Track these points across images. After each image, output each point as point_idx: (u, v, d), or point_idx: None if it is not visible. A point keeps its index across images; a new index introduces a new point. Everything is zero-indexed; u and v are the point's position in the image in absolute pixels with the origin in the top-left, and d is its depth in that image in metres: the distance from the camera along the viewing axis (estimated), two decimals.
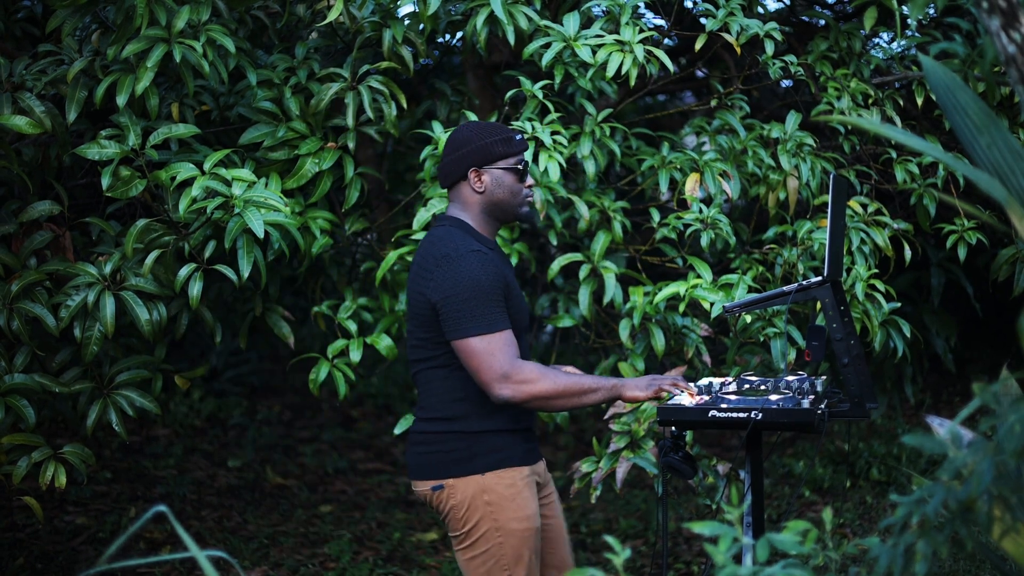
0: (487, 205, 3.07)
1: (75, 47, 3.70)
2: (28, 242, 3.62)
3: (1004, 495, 2.00)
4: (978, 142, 2.33)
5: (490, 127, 3.10)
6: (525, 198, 3.10)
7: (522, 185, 3.09)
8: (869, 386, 3.07)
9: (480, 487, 2.99)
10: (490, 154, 3.05)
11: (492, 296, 2.93)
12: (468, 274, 2.92)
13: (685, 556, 4.82)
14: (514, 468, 3.02)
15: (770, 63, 4.12)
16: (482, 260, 2.95)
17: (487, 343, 2.91)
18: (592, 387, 2.94)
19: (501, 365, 2.90)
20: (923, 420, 6.00)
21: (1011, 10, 2.22)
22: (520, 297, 3.09)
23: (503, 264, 3.06)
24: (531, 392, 2.90)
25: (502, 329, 2.93)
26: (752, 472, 3.13)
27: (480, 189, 3.05)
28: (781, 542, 1.94)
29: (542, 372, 2.91)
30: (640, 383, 2.97)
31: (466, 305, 2.91)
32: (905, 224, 4.35)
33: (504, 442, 3.02)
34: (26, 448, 3.54)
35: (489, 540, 2.99)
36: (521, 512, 3.01)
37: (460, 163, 3.05)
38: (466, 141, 3.06)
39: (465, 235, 3.03)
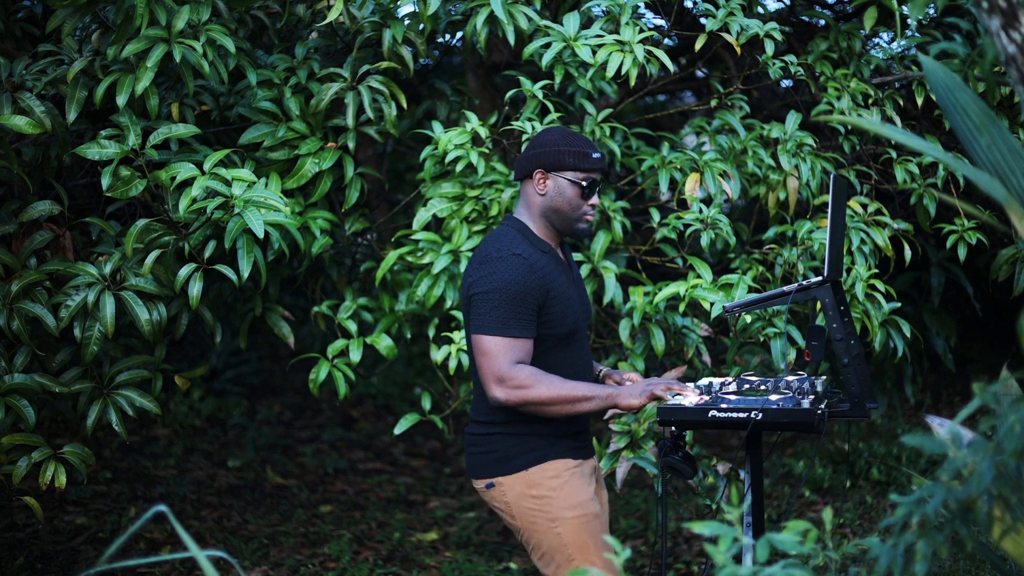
0: (546, 209, 3.10)
1: (75, 47, 3.70)
2: (28, 242, 3.62)
3: (1004, 495, 2.00)
4: (978, 142, 2.33)
5: (574, 137, 3.13)
6: (583, 215, 3.12)
7: (584, 202, 3.11)
8: (869, 386, 3.07)
9: (526, 483, 3.04)
10: (560, 161, 3.09)
11: (520, 302, 2.96)
12: (502, 276, 2.96)
13: (685, 556, 4.82)
14: (558, 460, 3.06)
15: (770, 63, 4.12)
16: (521, 265, 2.98)
17: (495, 344, 2.94)
18: (587, 396, 2.95)
19: (499, 367, 2.93)
20: (923, 420, 6.00)
21: (1011, 10, 2.22)
22: (573, 301, 3.10)
23: (556, 270, 3.08)
24: (524, 397, 2.93)
25: (516, 336, 2.95)
26: (752, 472, 3.13)
27: (542, 192, 3.09)
28: (781, 542, 1.94)
29: (537, 378, 2.93)
30: (634, 391, 2.98)
31: (491, 305, 2.95)
32: (905, 224, 4.35)
33: (545, 441, 3.06)
34: (26, 448, 3.54)
35: (548, 533, 3.03)
36: (572, 500, 3.05)
37: (532, 161, 3.10)
38: (545, 142, 3.11)
39: (517, 236, 3.07)
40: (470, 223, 4.04)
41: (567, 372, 3.07)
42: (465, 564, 4.79)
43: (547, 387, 2.93)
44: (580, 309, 3.16)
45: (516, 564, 4.84)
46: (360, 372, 4.29)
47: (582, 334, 3.17)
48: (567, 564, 3.01)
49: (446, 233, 4.04)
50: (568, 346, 3.11)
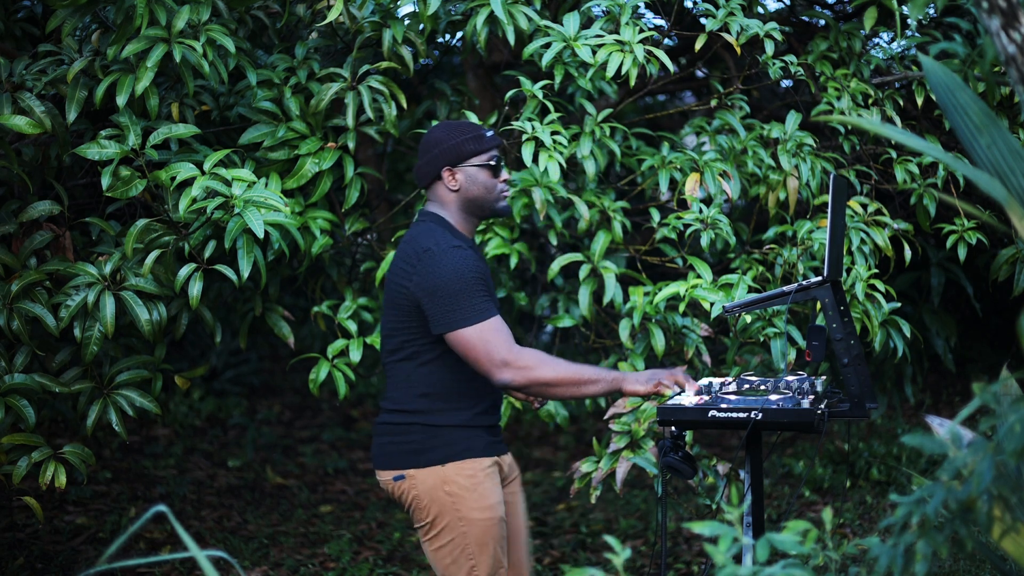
0: (463, 202, 3.12)
1: (75, 47, 3.70)
2: (28, 242, 3.62)
3: (1004, 495, 2.00)
4: (978, 142, 2.33)
5: (460, 126, 3.16)
6: (501, 193, 3.15)
7: (496, 180, 3.14)
8: (869, 386, 3.07)
9: (440, 478, 3.03)
10: (462, 152, 3.11)
11: (477, 287, 2.97)
12: (452, 267, 2.97)
13: (685, 556, 4.82)
14: (475, 459, 3.05)
15: (770, 63, 4.12)
16: (463, 255, 3.00)
17: (480, 332, 2.95)
18: (593, 378, 2.96)
19: (499, 351, 2.94)
20: (923, 420, 6.00)
21: (1011, 10, 2.22)
22: (495, 293, 3.15)
23: (480, 260, 3.11)
24: (532, 377, 2.94)
25: (492, 316, 2.97)
26: (752, 472, 3.13)
27: (455, 187, 3.11)
28: (781, 542, 1.94)
29: (542, 359, 2.96)
30: (641, 377, 3.00)
31: (454, 298, 2.95)
32: (905, 224, 4.35)
33: (465, 435, 3.06)
34: (26, 448, 3.54)
35: (453, 530, 3.02)
36: (483, 502, 3.04)
37: (434, 164, 3.11)
38: (438, 142, 3.12)
39: (445, 231, 3.08)
40: None
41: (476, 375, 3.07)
42: None
43: (554, 367, 2.95)
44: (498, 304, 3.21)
45: None
46: (360, 372, 4.29)
47: None
48: (465, 563, 3.02)
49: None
50: None
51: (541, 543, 5.18)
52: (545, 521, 5.49)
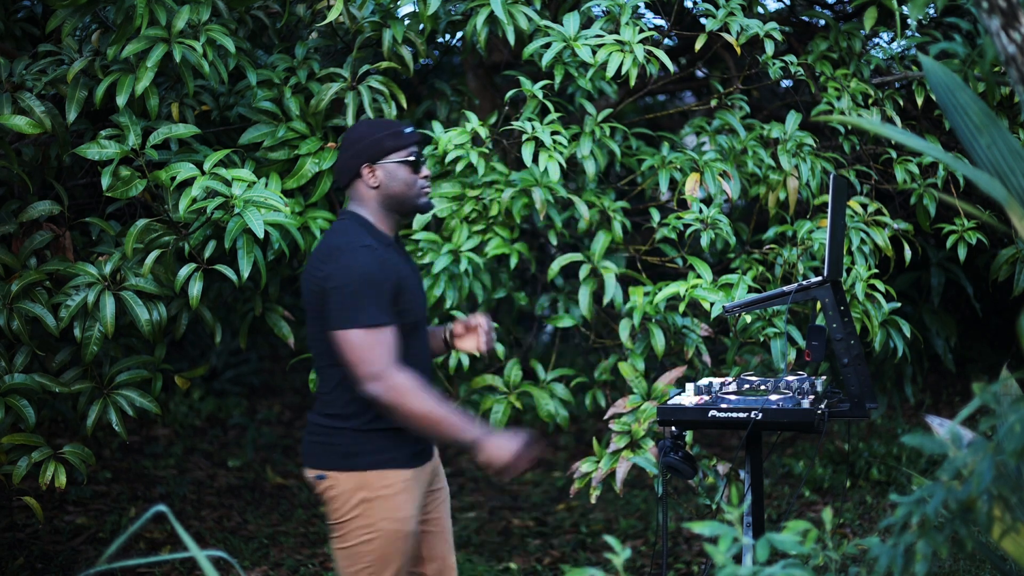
0: (384, 199, 3.07)
1: (75, 47, 3.70)
2: (28, 242, 3.62)
3: (1004, 495, 2.00)
4: (978, 142, 2.33)
5: (380, 123, 3.12)
6: (421, 189, 3.10)
7: (417, 176, 3.09)
8: (869, 386, 3.07)
9: (359, 484, 3.00)
10: (381, 149, 3.07)
11: (380, 291, 2.93)
12: (358, 266, 2.93)
13: (685, 556, 4.82)
14: (397, 470, 3.01)
15: (770, 63, 4.12)
16: (373, 255, 2.96)
17: (367, 337, 2.90)
18: (456, 429, 2.89)
19: (376, 362, 2.89)
20: (923, 420, 6.00)
21: (1011, 10, 2.22)
22: (417, 291, 3.09)
23: (400, 260, 3.06)
24: (399, 401, 2.88)
25: (385, 325, 2.92)
26: (752, 472, 3.13)
27: (374, 184, 3.06)
28: (781, 542, 1.94)
29: (416, 388, 2.89)
30: (501, 451, 2.89)
31: (353, 297, 2.91)
32: (905, 224, 4.35)
33: (390, 443, 3.02)
34: (26, 448, 3.54)
35: (359, 536, 3.00)
36: (395, 513, 3.00)
37: (353, 160, 3.07)
38: (357, 139, 3.08)
39: (360, 229, 3.03)
40: (470, 223, 4.05)
41: (413, 363, 3.03)
42: (465, 564, 4.79)
43: (422, 402, 2.89)
44: (423, 299, 3.15)
45: (516, 564, 4.84)
46: None
47: (423, 335, 3.14)
48: (364, 571, 2.99)
49: (446, 233, 4.04)
50: (413, 337, 3.07)
51: (541, 543, 5.18)
52: (545, 521, 5.50)
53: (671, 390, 3.75)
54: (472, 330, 3.23)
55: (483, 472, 6.39)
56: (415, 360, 3.05)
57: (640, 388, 3.88)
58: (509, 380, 4.10)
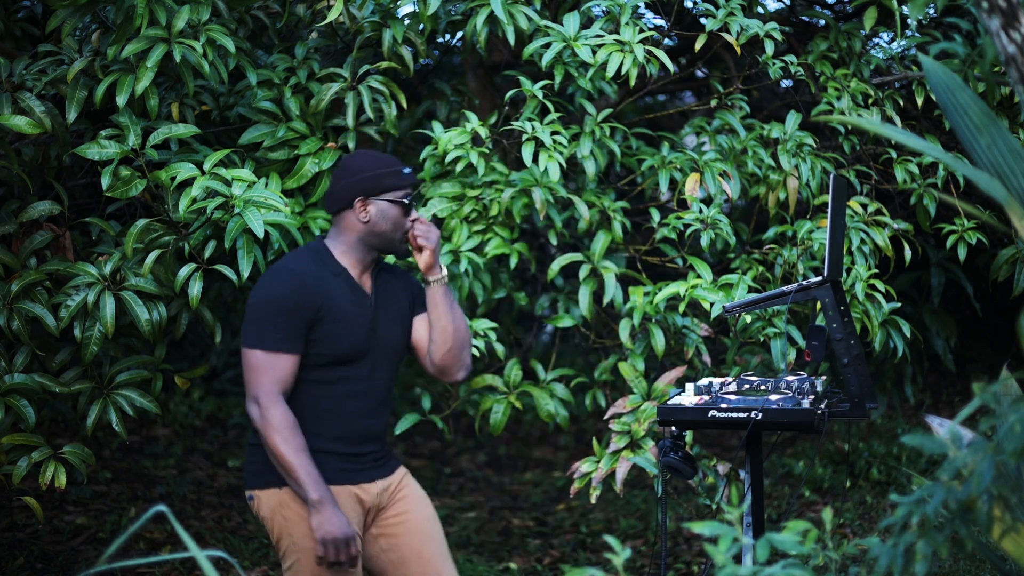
0: (367, 235, 3.05)
1: (75, 47, 3.70)
2: (28, 242, 3.62)
3: (1004, 495, 2.00)
4: (978, 142, 2.33)
5: (382, 159, 3.11)
6: (406, 233, 3.08)
7: (405, 219, 3.08)
8: (869, 386, 3.07)
9: (279, 501, 2.99)
10: (379, 185, 3.05)
11: (282, 316, 2.93)
12: (270, 289, 2.97)
13: (685, 556, 4.82)
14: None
15: (770, 63, 4.12)
16: (290, 278, 2.96)
17: (257, 360, 2.93)
18: (302, 483, 2.87)
19: (260, 387, 2.91)
20: (923, 420, 6.00)
21: (1011, 10, 2.22)
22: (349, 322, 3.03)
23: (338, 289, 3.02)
24: (264, 432, 2.90)
25: (271, 350, 2.92)
26: (752, 472, 3.13)
27: (365, 219, 3.05)
28: (781, 542, 1.95)
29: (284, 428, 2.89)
30: (329, 524, 2.88)
31: (255, 316, 2.95)
32: (905, 224, 4.35)
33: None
34: (26, 448, 3.54)
35: (290, 556, 2.99)
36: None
37: (348, 191, 3.05)
38: (359, 169, 3.06)
39: (308, 255, 3.05)
40: (470, 223, 4.05)
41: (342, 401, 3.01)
42: (465, 564, 4.79)
43: (284, 444, 2.88)
44: (366, 339, 3.06)
45: (516, 564, 4.84)
46: None
47: (369, 364, 3.09)
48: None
49: (446, 233, 4.04)
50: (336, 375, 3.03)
51: (541, 543, 5.18)
52: (545, 521, 5.50)
53: (671, 390, 3.75)
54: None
55: (482, 473, 6.39)
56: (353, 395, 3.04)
57: (640, 388, 3.89)
58: (509, 380, 4.10)
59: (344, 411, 3.03)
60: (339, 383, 3.03)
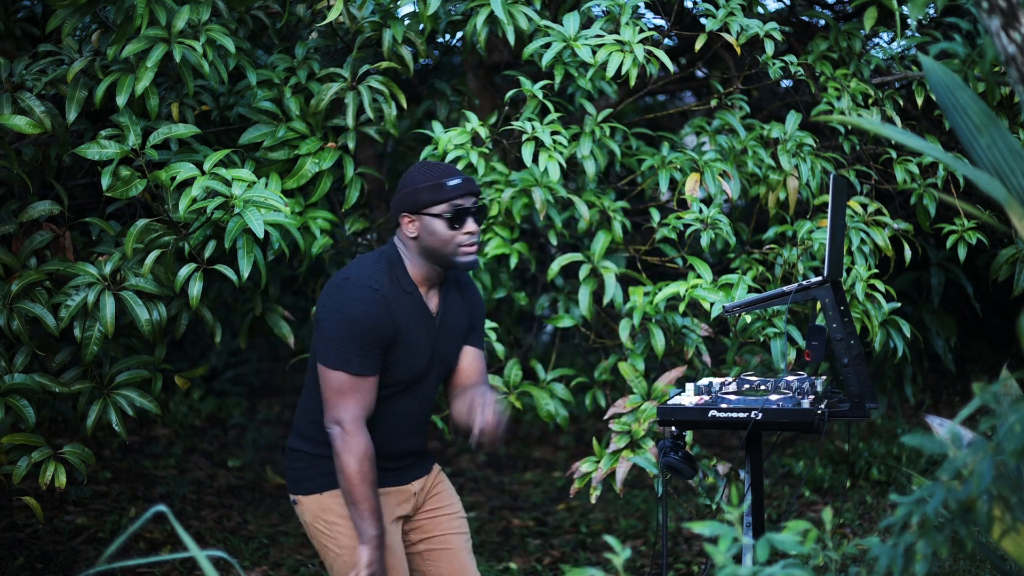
0: (422, 250, 2.96)
1: (75, 47, 3.70)
2: (28, 242, 3.62)
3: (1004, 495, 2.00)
4: (978, 142, 2.33)
5: (430, 169, 2.98)
6: (458, 247, 2.94)
7: (456, 232, 2.93)
8: (869, 386, 3.07)
9: (320, 506, 3.01)
10: (418, 201, 2.94)
11: (365, 337, 2.88)
12: (349, 306, 2.88)
13: (685, 556, 4.82)
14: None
15: (770, 63, 4.12)
16: (373, 299, 2.89)
17: (340, 381, 2.88)
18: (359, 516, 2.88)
19: (343, 410, 2.88)
20: (923, 420, 6.00)
21: (1011, 10, 2.22)
22: (416, 347, 2.99)
23: (410, 312, 2.96)
24: (341, 455, 2.87)
25: (357, 374, 2.88)
26: (752, 472, 3.13)
27: (413, 235, 2.96)
28: (781, 542, 1.94)
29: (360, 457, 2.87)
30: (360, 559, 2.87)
31: (338, 335, 2.88)
32: (905, 224, 4.35)
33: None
34: (26, 448, 3.54)
35: (331, 558, 3.02)
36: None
37: (396, 206, 2.99)
38: (404, 184, 2.99)
39: (385, 267, 2.96)
40: None
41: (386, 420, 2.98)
42: None
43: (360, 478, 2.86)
44: (428, 362, 3.02)
45: (516, 564, 4.84)
46: None
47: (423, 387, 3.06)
48: None
49: None
50: (400, 394, 3.01)
51: (541, 543, 5.18)
52: (545, 521, 5.50)
53: (671, 390, 3.75)
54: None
55: (482, 473, 6.39)
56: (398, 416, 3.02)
57: (640, 388, 3.88)
58: (509, 380, 4.09)
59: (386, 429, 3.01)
60: (387, 401, 3.00)
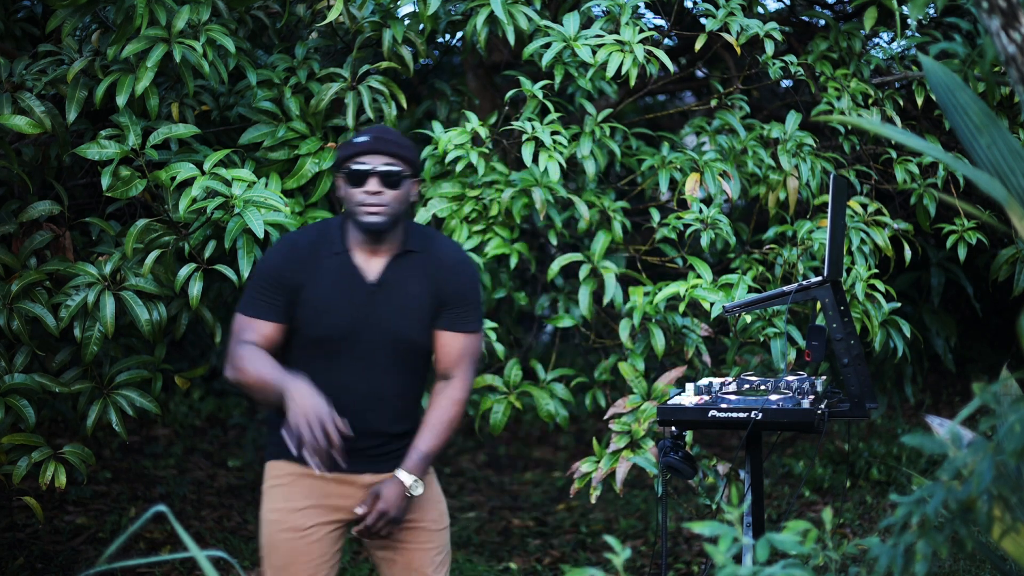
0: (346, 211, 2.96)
1: (75, 47, 3.70)
2: (28, 242, 3.62)
3: (1004, 495, 2.00)
4: (978, 142, 2.33)
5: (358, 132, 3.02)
6: (359, 206, 2.88)
7: (355, 191, 2.89)
8: (869, 386, 3.07)
9: (265, 474, 3.04)
10: (337, 159, 2.96)
11: (262, 281, 2.91)
12: (267, 255, 2.99)
13: (685, 556, 4.82)
14: (286, 462, 2.94)
15: (770, 63, 4.11)
16: (283, 247, 2.97)
17: (236, 323, 2.92)
18: (272, 382, 2.79)
19: (230, 347, 2.89)
20: (923, 420, 6.00)
21: (1011, 10, 2.22)
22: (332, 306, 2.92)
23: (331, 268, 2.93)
24: (239, 379, 2.86)
25: (246, 313, 2.91)
26: (752, 472, 3.13)
27: (340, 194, 2.97)
28: (781, 542, 1.94)
29: (250, 360, 2.84)
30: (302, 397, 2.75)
31: (249, 279, 3.01)
32: (905, 224, 4.35)
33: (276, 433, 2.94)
34: (26, 448, 3.54)
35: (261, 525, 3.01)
36: (273, 504, 2.97)
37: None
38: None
39: (326, 227, 2.99)
40: (470, 223, 4.04)
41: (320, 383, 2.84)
42: (465, 564, 4.79)
43: (253, 370, 2.83)
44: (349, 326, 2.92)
45: (516, 564, 4.84)
46: None
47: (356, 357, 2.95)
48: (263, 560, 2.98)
49: (446, 232, 4.04)
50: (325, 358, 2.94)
51: (541, 543, 5.18)
52: (545, 521, 5.49)
53: (671, 390, 3.75)
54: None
55: (482, 473, 6.38)
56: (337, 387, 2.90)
57: (640, 388, 3.88)
58: (509, 380, 4.09)
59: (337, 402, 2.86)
60: (332, 371, 2.94)
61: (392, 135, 2.98)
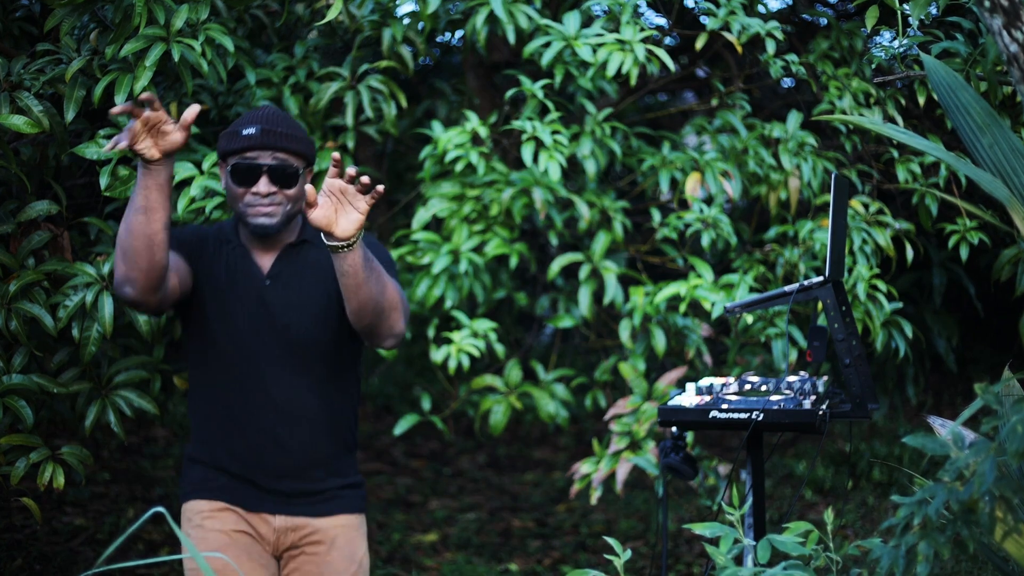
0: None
1: (73, 46, 3.69)
2: (26, 242, 3.61)
3: (1006, 496, 1.99)
4: (980, 142, 2.32)
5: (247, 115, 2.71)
6: (247, 207, 2.63)
7: (240, 190, 2.63)
8: (870, 386, 3.06)
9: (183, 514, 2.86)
10: (218, 148, 2.70)
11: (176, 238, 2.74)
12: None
13: (686, 557, 4.81)
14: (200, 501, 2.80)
15: (771, 62, 4.10)
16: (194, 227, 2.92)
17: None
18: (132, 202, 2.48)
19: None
20: (925, 421, 5.98)
21: (1013, 9, 2.20)
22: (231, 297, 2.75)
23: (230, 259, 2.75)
24: (121, 255, 2.56)
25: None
26: (753, 473, 3.12)
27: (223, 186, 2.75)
28: (782, 543, 1.94)
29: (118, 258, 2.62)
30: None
31: None
32: (907, 224, 4.34)
33: (199, 474, 2.83)
34: (24, 449, 3.53)
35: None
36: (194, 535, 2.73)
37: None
38: None
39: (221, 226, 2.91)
40: (470, 223, 4.03)
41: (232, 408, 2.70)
42: (465, 565, 4.78)
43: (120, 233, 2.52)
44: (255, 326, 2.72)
45: (516, 565, 4.83)
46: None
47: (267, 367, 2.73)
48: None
49: (446, 233, 4.03)
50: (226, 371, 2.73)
51: (541, 544, 5.17)
52: (545, 522, 5.49)
53: (672, 391, 3.74)
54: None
55: (482, 473, 6.38)
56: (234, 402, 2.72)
57: (640, 389, 3.87)
58: (509, 380, 4.09)
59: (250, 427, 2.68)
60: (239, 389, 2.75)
61: (283, 124, 2.67)
